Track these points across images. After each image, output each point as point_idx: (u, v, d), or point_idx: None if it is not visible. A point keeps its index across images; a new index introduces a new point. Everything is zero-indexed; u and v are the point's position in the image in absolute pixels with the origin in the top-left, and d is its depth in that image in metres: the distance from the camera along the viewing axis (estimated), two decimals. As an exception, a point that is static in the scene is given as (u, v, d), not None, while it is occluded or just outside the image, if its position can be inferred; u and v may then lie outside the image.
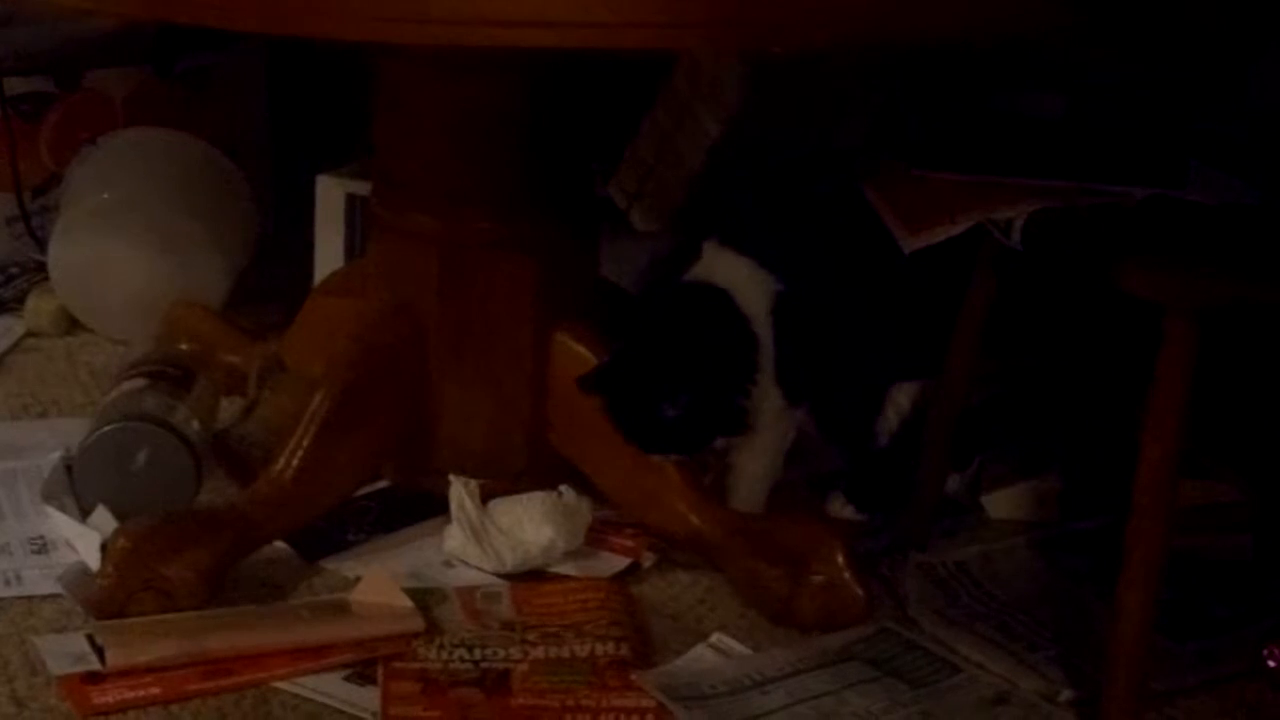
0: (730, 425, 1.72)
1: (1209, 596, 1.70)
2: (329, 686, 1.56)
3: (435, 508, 1.78)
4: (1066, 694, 1.58)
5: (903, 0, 1.45)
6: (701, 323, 1.70)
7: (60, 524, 1.75)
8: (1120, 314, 1.58)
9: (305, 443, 1.71)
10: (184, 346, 1.96)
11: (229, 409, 1.95)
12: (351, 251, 2.12)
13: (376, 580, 1.67)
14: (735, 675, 1.59)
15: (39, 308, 2.19)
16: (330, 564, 1.74)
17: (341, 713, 1.53)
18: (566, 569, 1.73)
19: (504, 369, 1.79)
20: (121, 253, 2.14)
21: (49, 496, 1.78)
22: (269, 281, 2.25)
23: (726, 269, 1.71)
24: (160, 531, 1.65)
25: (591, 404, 1.71)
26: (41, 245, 2.24)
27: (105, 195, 2.16)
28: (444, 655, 1.60)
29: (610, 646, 1.61)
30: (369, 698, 1.55)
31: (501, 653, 1.60)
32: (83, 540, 1.71)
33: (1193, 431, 1.45)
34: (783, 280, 1.70)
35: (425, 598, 1.67)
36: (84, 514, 1.75)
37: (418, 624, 1.62)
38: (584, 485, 1.76)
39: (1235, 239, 1.53)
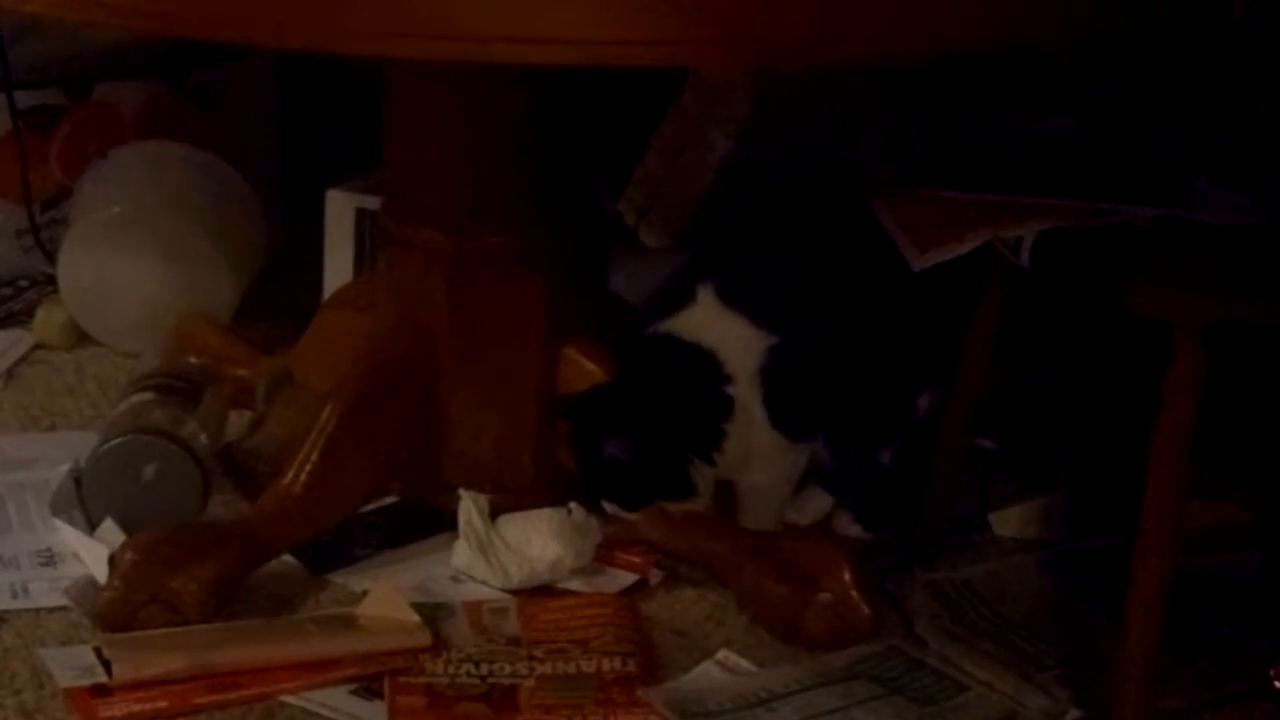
0: (674, 489, 1.68)
1: (1216, 616, 1.70)
2: (335, 700, 1.56)
3: (443, 523, 1.78)
4: (1073, 713, 1.58)
5: (908, 18, 1.45)
6: (674, 384, 1.67)
7: (68, 537, 1.75)
8: (1128, 333, 1.58)
9: (313, 457, 1.72)
10: (193, 360, 1.96)
11: (237, 423, 1.95)
12: (361, 266, 2.11)
13: (384, 594, 1.67)
14: (742, 692, 1.59)
15: (48, 320, 2.19)
16: (338, 578, 1.74)
17: (348, 727, 1.54)
18: (574, 585, 1.73)
19: (512, 384, 1.79)
20: (131, 266, 2.14)
21: (57, 509, 1.78)
22: (278, 295, 2.25)
23: (716, 328, 1.67)
24: (168, 544, 1.65)
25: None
26: (51, 258, 2.24)
27: (115, 208, 2.16)
28: (451, 670, 1.60)
29: (617, 663, 1.61)
30: (375, 712, 1.55)
31: (508, 668, 1.60)
32: (90, 553, 1.71)
33: (1200, 450, 1.45)
34: (778, 331, 1.66)
35: (432, 612, 1.67)
36: (92, 527, 1.75)
37: (425, 639, 1.62)
38: (592, 501, 1.76)
39: (1243, 259, 1.53)
